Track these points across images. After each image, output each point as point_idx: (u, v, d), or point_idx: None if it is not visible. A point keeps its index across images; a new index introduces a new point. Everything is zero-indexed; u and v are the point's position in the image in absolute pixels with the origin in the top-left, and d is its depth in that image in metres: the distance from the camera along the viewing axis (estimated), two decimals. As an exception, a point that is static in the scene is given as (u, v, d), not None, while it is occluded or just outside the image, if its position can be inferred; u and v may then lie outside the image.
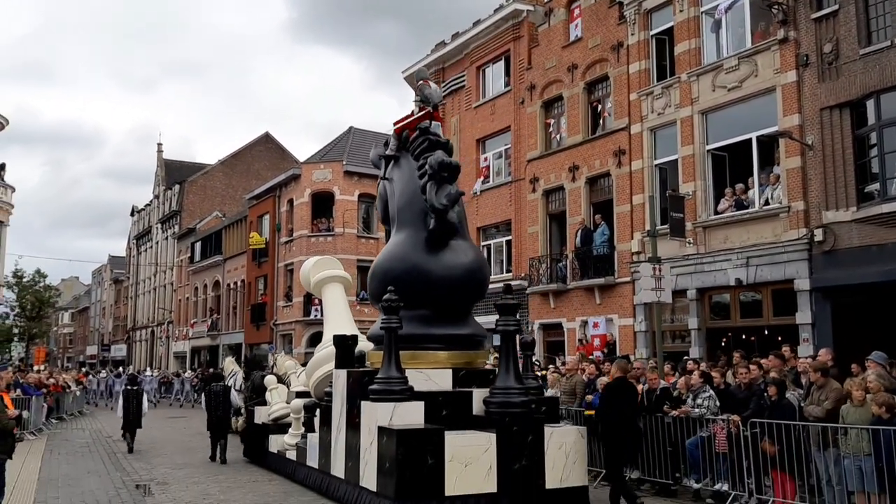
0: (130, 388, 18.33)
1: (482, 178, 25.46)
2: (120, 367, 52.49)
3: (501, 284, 12.35)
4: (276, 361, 20.11)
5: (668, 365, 13.79)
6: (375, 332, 10.94)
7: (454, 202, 10.82)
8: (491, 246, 25.24)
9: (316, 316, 33.02)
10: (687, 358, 14.51)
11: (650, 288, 14.58)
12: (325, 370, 12.33)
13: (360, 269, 32.41)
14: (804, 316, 15.09)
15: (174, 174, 60.03)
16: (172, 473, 13.64)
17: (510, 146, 24.48)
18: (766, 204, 16.21)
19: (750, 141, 16.60)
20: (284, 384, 15.99)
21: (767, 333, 15.83)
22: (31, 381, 23.55)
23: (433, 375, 10.43)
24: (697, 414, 10.79)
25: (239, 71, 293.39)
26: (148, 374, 41.03)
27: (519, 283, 22.83)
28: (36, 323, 70.41)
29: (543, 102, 22.96)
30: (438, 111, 12.44)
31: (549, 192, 22.59)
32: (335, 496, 10.68)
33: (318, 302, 28.60)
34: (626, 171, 19.70)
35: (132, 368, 48.90)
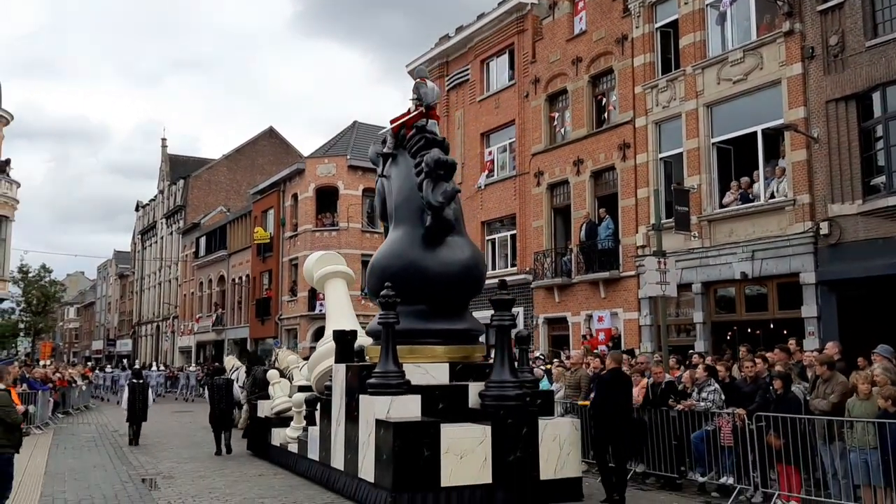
0: (136, 381, 18.44)
1: (486, 171, 25.41)
2: (125, 360, 52.65)
3: (503, 279, 12.37)
4: (277, 356, 20.19)
5: (673, 358, 13.80)
6: (374, 327, 11.04)
7: (450, 199, 10.99)
8: (495, 240, 25.23)
9: (320, 310, 33.01)
10: (692, 352, 14.51)
11: (655, 282, 14.61)
12: (325, 365, 12.43)
13: (364, 263, 32.00)
14: (810, 309, 15.06)
15: (178, 169, 60.17)
16: (178, 467, 13.69)
17: (514, 140, 24.43)
18: (771, 197, 16.16)
19: (755, 134, 16.54)
20: (286, 378, 16.08)
21: (773, 327, 15.81)
22: (37, 375, 23.71)
23: (430, 369, 10.56)
24: (703, 408, 10.79)
25: (244, 65, 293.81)
26: (154, 370, 41.16)
27: (524, 277, 22.85)
28: (42, 318, 70.80)
29: (548, 96, 22.91)
30: (435, 109, 12.50)
31: (553, 185, 22.56)
32: (335, 488, 10.79)
33: (322, 296, 28.64)
34: (630, 164, 19.66)
35: (138, 363, 49.08)
